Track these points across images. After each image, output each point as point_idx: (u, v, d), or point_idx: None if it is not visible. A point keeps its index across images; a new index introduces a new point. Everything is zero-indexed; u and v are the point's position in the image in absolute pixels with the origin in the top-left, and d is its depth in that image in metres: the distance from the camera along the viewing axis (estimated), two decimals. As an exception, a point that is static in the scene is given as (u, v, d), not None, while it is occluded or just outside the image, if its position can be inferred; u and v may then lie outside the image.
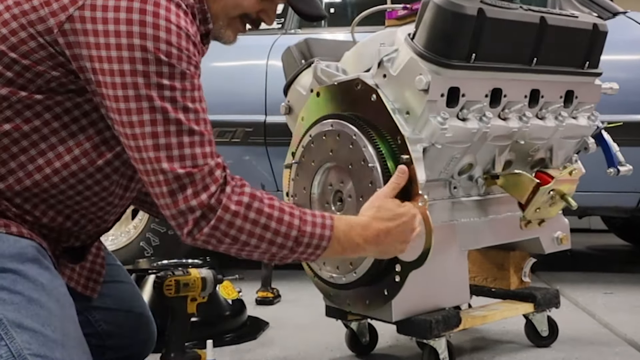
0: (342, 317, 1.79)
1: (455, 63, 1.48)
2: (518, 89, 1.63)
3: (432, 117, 1.49)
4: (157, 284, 1.60)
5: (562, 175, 1.70)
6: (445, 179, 1.64)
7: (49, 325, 1.13)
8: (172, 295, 1.59)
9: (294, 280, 2.96)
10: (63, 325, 1.16)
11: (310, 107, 1.74)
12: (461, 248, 1.66)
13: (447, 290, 1.66)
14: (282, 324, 2.30)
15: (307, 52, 1.91)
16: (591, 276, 3.13)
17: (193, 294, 1.62)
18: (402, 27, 1.65)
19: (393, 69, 1.54)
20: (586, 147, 1.85)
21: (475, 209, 1.71)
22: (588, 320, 2.29)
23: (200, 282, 1.64)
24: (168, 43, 1.15)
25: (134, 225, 3.13)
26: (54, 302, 1.18)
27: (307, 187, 1.71)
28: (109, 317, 1.51)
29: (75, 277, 1.42)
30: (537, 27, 1.59)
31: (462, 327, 1.65)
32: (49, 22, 1.16)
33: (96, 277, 1.48)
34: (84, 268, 1.45)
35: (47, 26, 1.16)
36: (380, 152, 1.52)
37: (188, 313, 1.62)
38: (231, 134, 3.04)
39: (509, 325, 2.10)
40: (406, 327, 1.59)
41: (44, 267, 1.21)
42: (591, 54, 1.74)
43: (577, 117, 1.81)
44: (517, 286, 1.91)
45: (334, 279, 1.65)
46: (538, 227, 1.80)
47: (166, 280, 1.59)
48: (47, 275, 1.20)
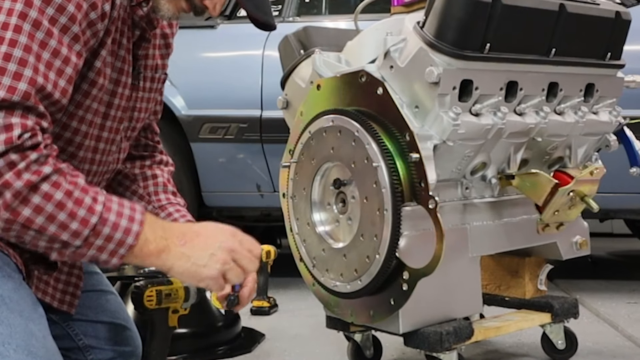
0: (344, 329, 1.79)
1: (468, 54, 1.48)
2: (535, 82, 1.63)
3: (443, 112, 1.49)
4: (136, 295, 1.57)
5: (582, 175, 1.70)
6: (456, 179, 1.64)
7: (10, 343, 1.11)
8: (154, 307, 1.57)
9: (292, 289, 2.96)
10: (28, 343, 1.14)
11: (310, 101, 1.74)
12: (473, 254, 1.66)
13: (458, 299, 1.66)
14: (279, 335, 2.30)
15: (307, 41, 1.91)
16: (613, 284, 3.14)
17: (175, 305, 1.60)
18: (410, 15, 1.65)
19: (401, 60, 1.54)
20: (607, 144, 1.86)
21: (489, 211, 1.71)
22: (610, 332, 2.29)
23: (182, 292, 1.61)
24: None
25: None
26: (17, 316, 1.15)
27: (306, 187, 1.71)
28: (90, 330, 1.51)
29: (50, 292, 1.41)
30: (555, 15, 1.59)
31: (475, 339, 1.65)
32: None
33: (73, 290, 1.47)
34: (59, 281, 1.44)
35: None
36: (385, 149, 1.52)
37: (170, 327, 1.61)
38: (224, 130, 3.03)
39: (524, 337, 2.10)
40: (414, 340, 1.59)
41: (5, 275, 1.19)
42: (613, 45, 1.74)
43: (597, 112, 1.81)
44: (532, 295, 1.91)
45: (338, 287, 1.65)
46: (556, 231, 1.81)
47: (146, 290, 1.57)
48: (10, 285, 1.18)
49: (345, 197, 1.65)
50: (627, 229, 4.44)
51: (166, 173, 1.59)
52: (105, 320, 1.53)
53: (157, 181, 1.55)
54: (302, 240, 1.74)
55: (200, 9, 1.30)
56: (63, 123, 1.26)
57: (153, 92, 1.47)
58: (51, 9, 1.11)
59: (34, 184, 1.07)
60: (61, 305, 1.43)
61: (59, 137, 1.27)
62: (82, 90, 1.25)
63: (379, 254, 1.53)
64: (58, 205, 1.09)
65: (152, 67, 1.45)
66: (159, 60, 1.48)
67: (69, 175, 1.12)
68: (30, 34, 1.09)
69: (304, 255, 1.74)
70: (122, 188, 1.56)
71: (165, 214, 1.50)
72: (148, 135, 1.60)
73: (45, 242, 1.11)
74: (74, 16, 1.13)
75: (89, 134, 1.31)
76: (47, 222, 1.08)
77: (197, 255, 1.19)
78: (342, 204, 1.67)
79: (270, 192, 3.07)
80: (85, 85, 1.25)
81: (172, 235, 1.19)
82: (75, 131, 1.29)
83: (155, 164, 1.59)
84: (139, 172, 1.56)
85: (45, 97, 1.11)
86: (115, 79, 1.32)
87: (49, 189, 1.08)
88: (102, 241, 1.13)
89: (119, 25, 1.28)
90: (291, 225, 1.78)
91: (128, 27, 1.31)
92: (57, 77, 1.13)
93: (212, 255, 1.20)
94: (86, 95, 1.26)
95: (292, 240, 1.78)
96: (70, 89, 1.16)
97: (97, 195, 1.14)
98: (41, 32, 1.10)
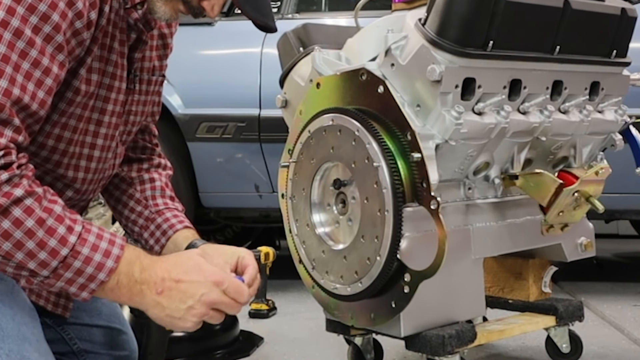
0: (344, 332, 1.79)
1: (470, 51, 1.48)
2: (539, 80, 1.63)
3: (445, 110, 1.49)
4: None
5: (587, 175, 1.70)
6: (459, 179, 1.64)
7: (2, 348, 1.11)
8: None
9: (291, 291, 2.96)
10: (21, 347, 1.14)
11: (309, 99, 1.74)
12: (476, 255, 1.66)
13: (461, 302, 1.66)
14: (278, 339, 2.30)
15: (306, 38, 1.91)
16: (619, 286, 3.14)
17: None
18: (411, 12, 1.65)
19: (402, 57, 1.54)
20: (613, 144, 1.85)
21: (492, 212, 1.71)
22: (616, 336, 2.29)
23: None
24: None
25: (115, 230, 3.14)
26: (9, 320, 1.16)
27: (306, 188, 1.71)
28: (84, 334, 1.51)
29: (44, 294, 1.41)
30: (560, 11, 1.59)
31: (477, 343, 1.65)
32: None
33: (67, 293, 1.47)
34: None
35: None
36: (386, 149, 1.52)
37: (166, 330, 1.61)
38: (221, 130, 3.03)
39: (528, 341, 2.10)
40: (416, 343, 1.59)
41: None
42: (619, 42, 1.74)
43: (603, 111, 1.81)
44: (536, 297, 1.91)
45: (338, 290, 1.65)
46: (560, 233, 1.81)
47: None
48: (2, 287, 1.19)
49: (346, 198, 1.65)
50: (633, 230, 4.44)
51: (164, 177, 1.58)
52: (101, 324, 1.53)
53: (154, 185, 1.55)
54: (301, 241, 1.74)
55: (198, 10, 1.28)
56: (46, 131, 1.25)
57: (150, 94, 1.46)
58: (35, 17, 1.09)
59: (4, 207, 1.03)
60: (55, 309, 1.43)
61: (42, 146, 1.26)
62: (65, 98, 1.24)
63: (380, 255, 1.53)
64: (27, 232, 1.05)
65: (149, 69, 1.44)
66: (156, 62, 1.47)
67: (45, 200, 1.09)
68: (10, 43, 1.07)
69: (304, 257, 1.74)
70: (118, 192, 1.56)
71: (162, 219, 1.49)
72: (146, 137, 1.59)
73: (13, 269, 1.09)
74: (58, 25, 1.11)
75: (74, 141, 1.30)
76: (14, 249, 1.05)
77: (174, 307, 1.15)
78: (342, 204, 1.67)
79: (269, 193, 3.07)
80: (69, 93, 1.24)
81: (149, 279, 1.14)
82: (59, 138, 1.27)
83: (153, 167, 1.59)
84: (136, 175, 1.56)
85: (22, 109, 1.09)
86: (108, 85, 1.31)
87: (20, 214, 1.05)
88: (71, 274, 1.09)
89: (110, 30, 1.27)
90: (290, 226, 1.78)
91: (122, 31, 1.30)
92: (36, 88, 1.10)
93: (189, 309, 1.15)
94: (70, 103, 1.25)
95: (291, 241, 1.78)
96: (49, 100, 1.14)
97: (74, 224, 1.10)
98: (22, 42, 1.08)
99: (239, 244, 4.32)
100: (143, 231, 1.50)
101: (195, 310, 1.15)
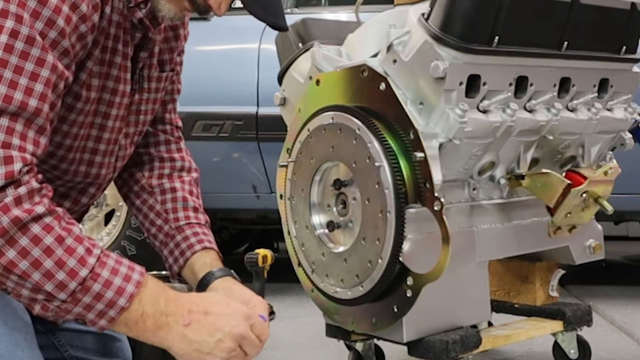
0: (344, 337, 1.79)
1: (475, 47, 1.48)
2: (546, 77, 1.64)
3: (449, 108, 1.49)
4: None
5: (596, 175, 1.70)
6: (463, 179, 1.64)
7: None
8: None
9: (290, 295, 2.96)
10: (13, 354, 1.14)
11: (309, 97, 1.74)
12: (481, 258, 1.66)
13: (465, 306, 1.66)
14: (276, 344, 2.30)
15: (305, 34, 1.91)
16: (628, 290, 3.14)
17: None
18: (414, 6, 1.65)
19: (404, 53, 1.54)
20: (622, 143, 1.85)
21: (497, 213, 1.71)
22: (625, 341, 2.29)
23: None
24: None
25: (107, 232, 3.13)
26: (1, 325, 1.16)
27: (305, 188, 1.71)
28: (76, 340, 1.50)
29: None
30: (568, 6, 1.59)
31: (483, 349, 1.65)
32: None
33: None
34: None
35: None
36: (387, 148, 1.52)
37: None
38: (218, 128, 3.04)
39: (535, 346, 2.10)
40: (419, 349, 1.59)
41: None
42: (629, 38, 1.74)
43: (612, 109, 1.81)
44: (543, 301, 1.91)
45: (338, 294, 1.65)
46: (568, 235, 1.81)
47: None
48: None
49: (346, 199, 1.65)
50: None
51: (187, 184, 1.54)
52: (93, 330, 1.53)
53: (175, 195, 1.51)
54: (300, 244, 1.74)
55: (204, 8, 1.27)
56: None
57: (160, 91, 1.44)
58: (40, 23, 1.10)
59: (23, 223, 1.03)
60: None
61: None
62: (65, 104, 1.23)
63: (382, 258, 1.53)
64: (46, 250, 1.05)
65: (158, 64, 1.43)
66: (167, 55, 1.45)
67: (64, 221, 1.08)
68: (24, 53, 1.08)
69: (303, 260, 1.74)
70: (139, 201, 1.53)
71: (182, 237, 1.46)
72: (167, 129, 1.57)
73: (29, 292, 1.07)
74: (63, 30, 1.12)
75: (74, 147, 1.30)
76: (31, 269, 1.04)
77: (202, 340, 1.13)
78: (342, 205, 1.67)
79: (267, 193, 3.07)
80: (69, 99, 1.24)
81: (175, 311, 1.13)
82: (59, 145, 1.27)
83: (175, 171, 1.55)
84: (157, 183, 1.52)
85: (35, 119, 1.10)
86: (112, 89, 1.31)
87: (39, 231, 1.05)
88: (90, 299, 1.08)
89: (112, 31, 1.27)
90: (289, 228, 1.78)
91: (125, 31, 1.29)
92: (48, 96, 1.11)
93: (219, 342, 1.13)
94: (70, 109, 1.25)
95: (290, 244, 1.78)
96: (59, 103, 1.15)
97: (93, 248, 1.10)
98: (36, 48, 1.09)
99: (236, 246, 4.33)
100: (163, 247, 1.48)
101: (224, 344, 1.14)
